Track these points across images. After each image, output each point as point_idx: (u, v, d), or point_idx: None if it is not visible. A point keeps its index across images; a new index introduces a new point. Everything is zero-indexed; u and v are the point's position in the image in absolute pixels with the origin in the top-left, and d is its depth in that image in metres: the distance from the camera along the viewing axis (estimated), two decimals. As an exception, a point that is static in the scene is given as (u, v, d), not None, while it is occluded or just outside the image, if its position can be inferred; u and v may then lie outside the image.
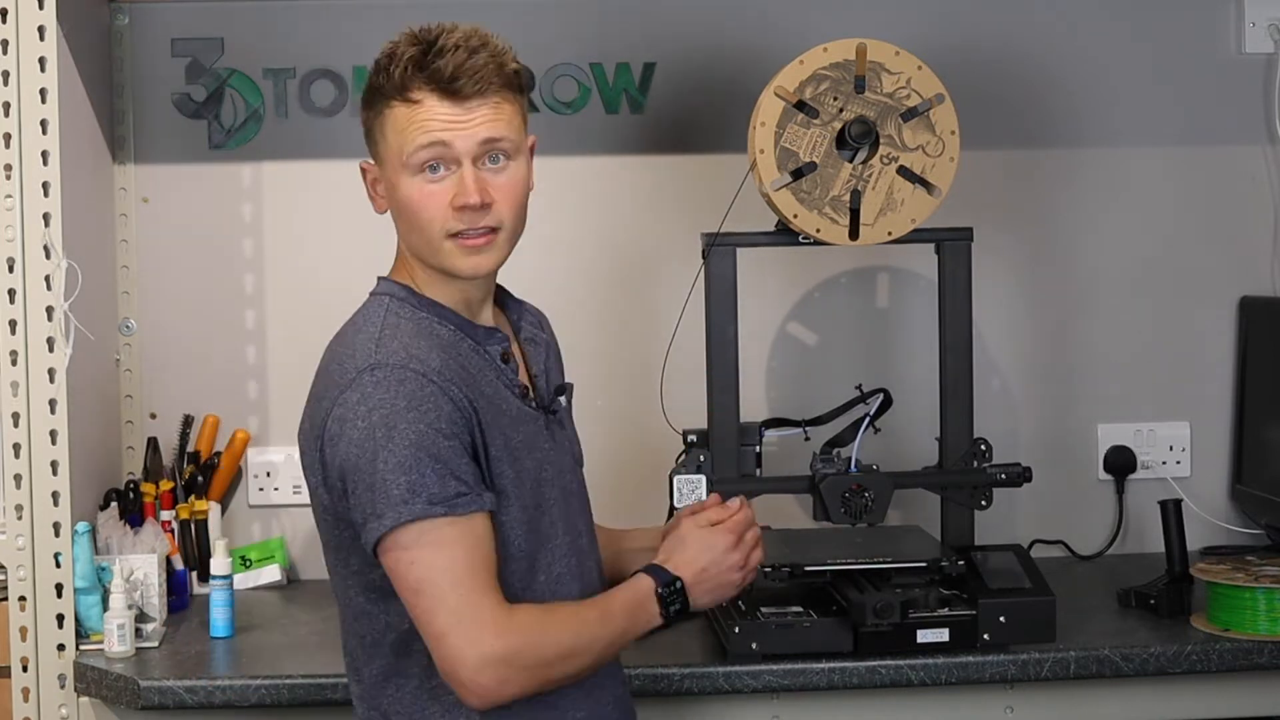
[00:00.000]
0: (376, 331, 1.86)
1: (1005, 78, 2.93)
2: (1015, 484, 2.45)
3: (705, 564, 1.98)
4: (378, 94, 1.89)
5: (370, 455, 1.78)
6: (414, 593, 1.79)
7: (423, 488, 1.78)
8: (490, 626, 1.78)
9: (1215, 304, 2.99)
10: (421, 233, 1.89)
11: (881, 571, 2.36)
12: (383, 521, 1.78)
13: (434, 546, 1.78)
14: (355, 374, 1.82)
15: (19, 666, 2.38)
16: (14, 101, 2.35)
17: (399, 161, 1.87)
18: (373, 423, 1.79)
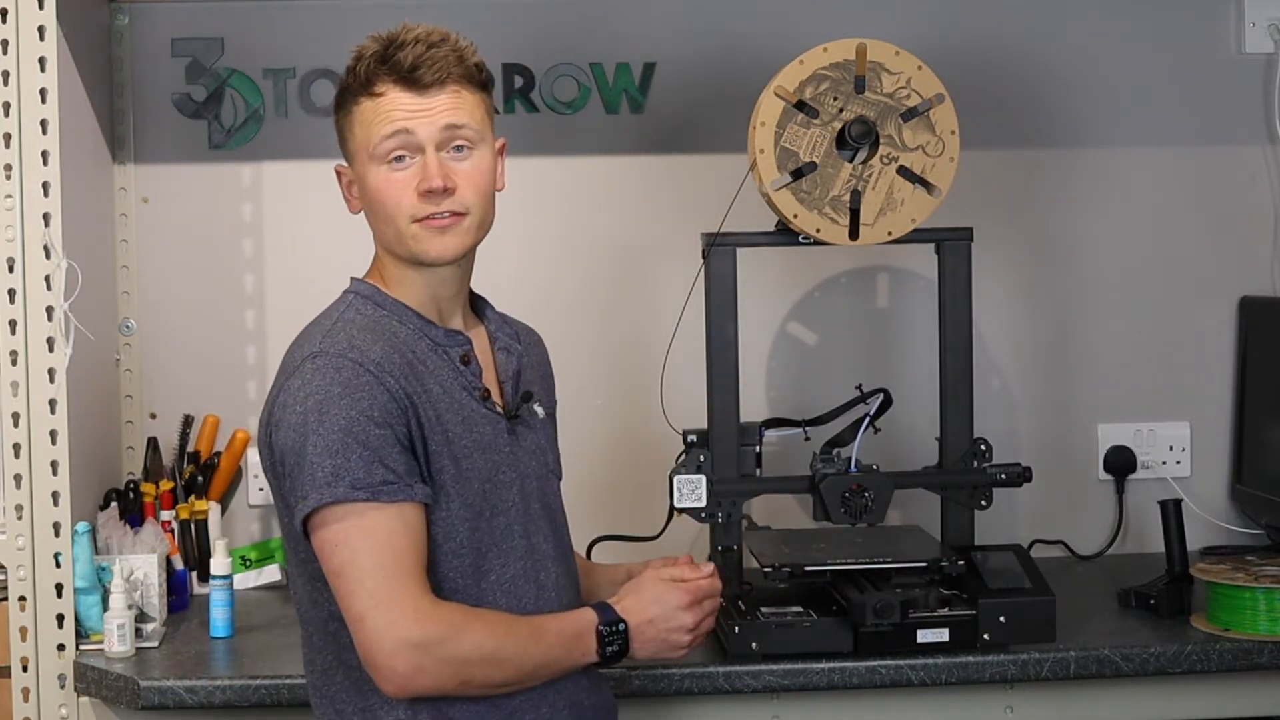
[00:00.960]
0: (330, 324, 1.92)
1: (1005, 78, 2.93)
2: (1015, 484, 2.45)
3: (654, 615, 1.97)
4: (345, 94, 1.98)
5: (301, 438, 1.82)
6: (336, 575, 1.82)
7: (347, 472, 1.81)
8: (409, 612, 1.79)
9: (1215, 304, 2.99)
10: (389, 222, 1.94)
11: (881, 571, 2.36)
12: (307, 502, 1.82)
13: (356, 531, 1.81)
14: (300, 362, 1.87)
15: (19, 666, 2.38)
16: (14, 101, 2.35)
17: (366, 154, 1.95)
18: (307, 407, 1.83)
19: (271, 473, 1.91)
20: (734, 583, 2.40)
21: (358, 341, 1.88)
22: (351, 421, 1.82)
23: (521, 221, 2.84)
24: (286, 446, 1.85)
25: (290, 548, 1.93)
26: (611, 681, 2.22)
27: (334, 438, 1.81)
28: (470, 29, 2.82)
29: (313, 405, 1.83)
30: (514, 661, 1.86)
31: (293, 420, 1.84)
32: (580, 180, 2.90)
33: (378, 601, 1.79)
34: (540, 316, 2.60)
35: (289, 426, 1.84)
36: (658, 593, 1.99)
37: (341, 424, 1.82)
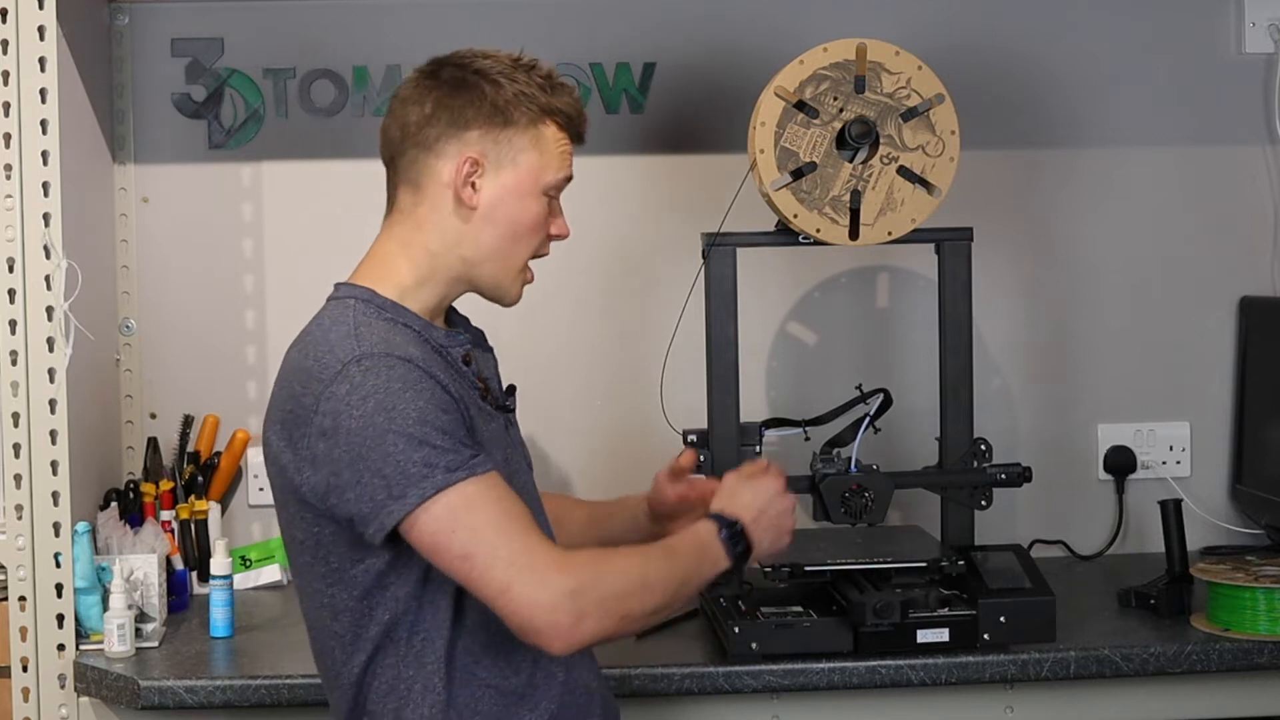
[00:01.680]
0: (350, 329, 1.86)
1: (1005, 78, 2.93)
2: (1015, 484, 2.45)
3: (761, 506, 1.99)
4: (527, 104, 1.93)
5: (375, 440, 1.77)
6: (462, 559, 1.78)
7: (438, 459, 1.78)
8: (552, 566, 1.78)
9: (1215, 304, 2.99)
10: (514, 248, 1.95)
11: (881, 571, 2.36)
12: (406, 501, 1.77)
13: (467, 510, 1.78)
14: (340, 367, 1.81)
15: (19, 666, 2.38)
16: (14, 101, 2.35)
17: (538, 179, 1.94)
18: (369, 410, 1.78)
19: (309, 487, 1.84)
20: (734, 583, 2.41)
21: (394, 341, 1.84)
22: (423, 413, 1.79)
23: (521, 221, 2.84)
24: (351, 454, 1.79)
25: (316, 557, 1.88)
26: (612, 681, 2.22)
27: (412, 431, 1.78)
28: (470, 29, 2.84)
29: (375, 406, 1.78)
30: (661, 583, 1.86)
31: (354, 425, 1.78)
32: (580, 180, 2.86)
33: (519, 566, 1.77)
34: (540, 316, 2.62)
35: (350, 433, 1.78)
36: (754, 488, 2.01)
37: (414, 417, 1.78)
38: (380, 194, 2.85)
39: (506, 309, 2.03)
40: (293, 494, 1.87)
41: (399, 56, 2.88)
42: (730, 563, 1.94)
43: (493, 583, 1.77)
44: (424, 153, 1.93)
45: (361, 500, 1.80)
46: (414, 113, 1.94)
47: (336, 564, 1.86)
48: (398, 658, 1.86)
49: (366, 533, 1.81)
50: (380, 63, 2.89)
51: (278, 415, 1.88)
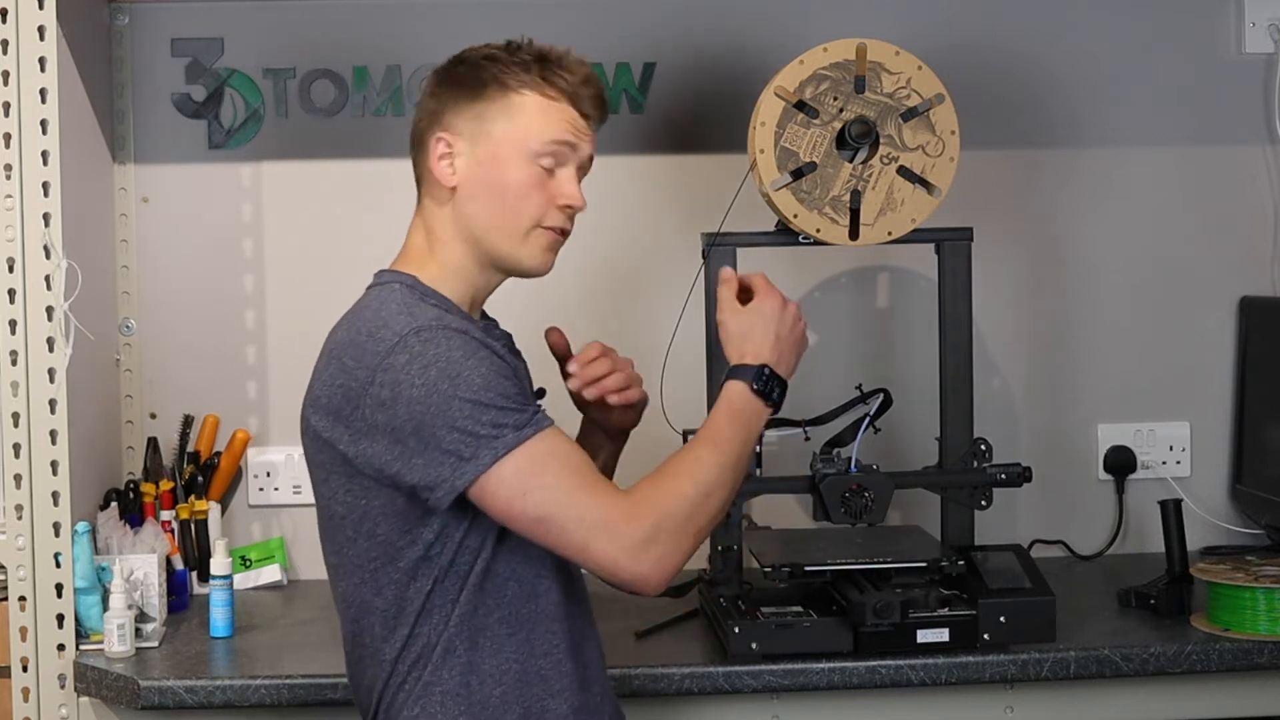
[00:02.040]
0: (401, 307, 1.88)
1: (1005, 78, 2.93)
2: (1015, 484, 2.46)
3: (775, 333, 2.02)
4: (504, 76, 1.95)
5: (440, 406, 1.80)
6: (537, 521, 1.82)
7: (505, 418, 1.81)
8: (621, 518, 1.83)
9: (1215, 304, 2.99)
10: (516, 218, 1.95)
11: (881, 571, 2.36)
12: (478, 462, 1.80)
13: (535, 473, 1.82)
14: (397, 339, 1.83)
15: (19, 666, 2.38)
16: (14, 101, 2.35)
17: (520, 144, 1.94)
18: (431, 377, 1.80)
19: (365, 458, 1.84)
20: (734, 583, 2.40)
21: (444, 316, 1.88)
22: (486, 378, 1.82)
23: (521, 221, 2.85)
24: (414, 422, 1.80)
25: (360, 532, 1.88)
26: (612, 681, 2.22)
27: (478, 395, 1.80)
28: (471, 29, 2.83)
29: (438, 374, 1.80)
30: (718, 482, 1.90)
31: (417, 394, 1.80)
32: (580, 180, 2.89)
33: (591, 524, 1.82)
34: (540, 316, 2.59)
35: (412, 401, 1.80)
36: (758, 316, 2.03)
37: (479, 382, 1.81)
38: (380, 194, 2.87)
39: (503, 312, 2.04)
40: (341, 468, 1.88)
41: (399, 56, 2.88)
42: (773, 409, 1.98)
43: (571, 544, 1.83)
44: (419, 149, 2.00)
45: (430, 465, 1.81)
46: (418, 113, 2.01)
47: (384, 537, 1.87)
48: (431, 628, 1.88)
49: (433, 497, 1.82)
50: (380, 63, 2.89)
51: (323, 392, 1.88)
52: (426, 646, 1.88)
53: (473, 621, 1.88)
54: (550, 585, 1.93)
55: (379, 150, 2.88)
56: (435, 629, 1.88)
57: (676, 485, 1.88)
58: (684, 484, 1.88)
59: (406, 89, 2.88)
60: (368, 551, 1.89)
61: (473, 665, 1.88)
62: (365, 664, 1.94)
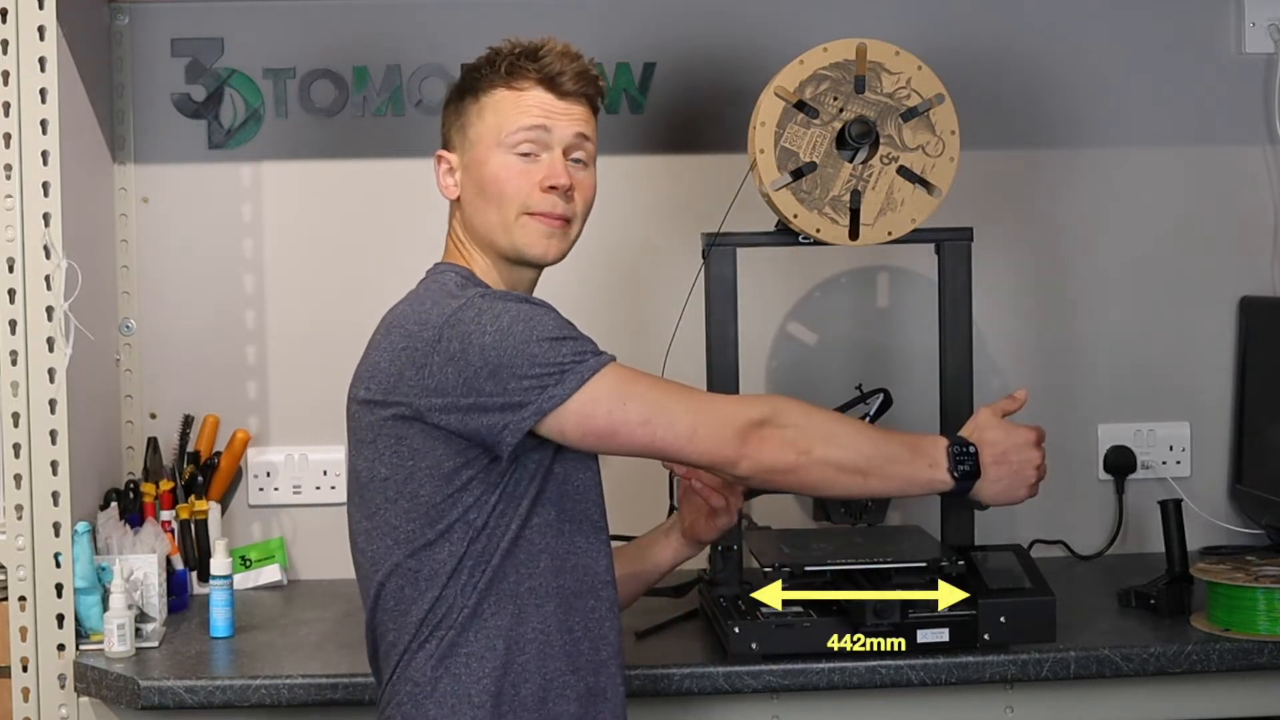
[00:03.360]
0: (458, 286, 1.95)
1: (1005, 78, 2.93)
2: (1015, 484, 2.45)
3: (1006, 448, 2.01)
4: (476, 82, 2.02)
5: (519, 344, 1.84)
6: (643, 425, 1.87)
7: (585, 345, 1.88)
8: (730, 403, 1.92)
9: (1215, 304, 2.99)
10: (502, 208, 1.99)
11: (881, 571, 2.36)
12: (565, 385, 1.84)
13: (630, 382, 1.88)
14: (464, 300, 1.89)
15: (19, 666, 2.38)
16: (14, 101, 2.35)
17: (494, 140, 2.00)
18: (504, 323, 1.85)
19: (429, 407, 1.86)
20: (734, 583, 2.41)
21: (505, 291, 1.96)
22: (558, 320, 1.90)
23: (521, 221, 2.85)
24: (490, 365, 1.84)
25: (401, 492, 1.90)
26: (611, 681, 2.23)
27: (554, 330, 1.87)
28: (471, 29, 2.84)
29: (510, 319, 1.86)
30: (849, 441, 1.93)
31: (489, 341, 1.84)
32: (580, 180, 2.89)
33: (699, 413, 1.88)
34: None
35: (486, 349, 1.84)
36: (1004, 429, 2.02)
37: (553, 323, 1.88)
38: (380, 193, 2.88)
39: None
40: (391, 429, 1.90)
41: (399, 56, 2.88)
42: (950, 479, 1.96)
43: (680, 432, 1.87)
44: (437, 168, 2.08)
45: (511, 396, 1.84)
46: None
47: (426, 498, 1.90)
48: (458, 590, 1.90)
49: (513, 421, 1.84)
50: (380, 63, 2.89)
51: (381, 358, 1.92)
52: (452, 608, 1.91)
53: (501, 587, 1.91)
54: (582, 563, 1.96)
55: (379, 150, 2.88)
56: (464, 592, 1.90)
57: (810, 408, 1.93)
58: (819, 413, 1.93)
59: (406, 89, 2.88)
60: (408, 513, 1.91)
61: (500, 630, 1.91)
62: (387, 626, 1.96)
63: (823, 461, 1.91)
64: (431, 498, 1.90)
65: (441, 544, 1.90)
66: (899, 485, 1.97)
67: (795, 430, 1.90)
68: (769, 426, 1.89)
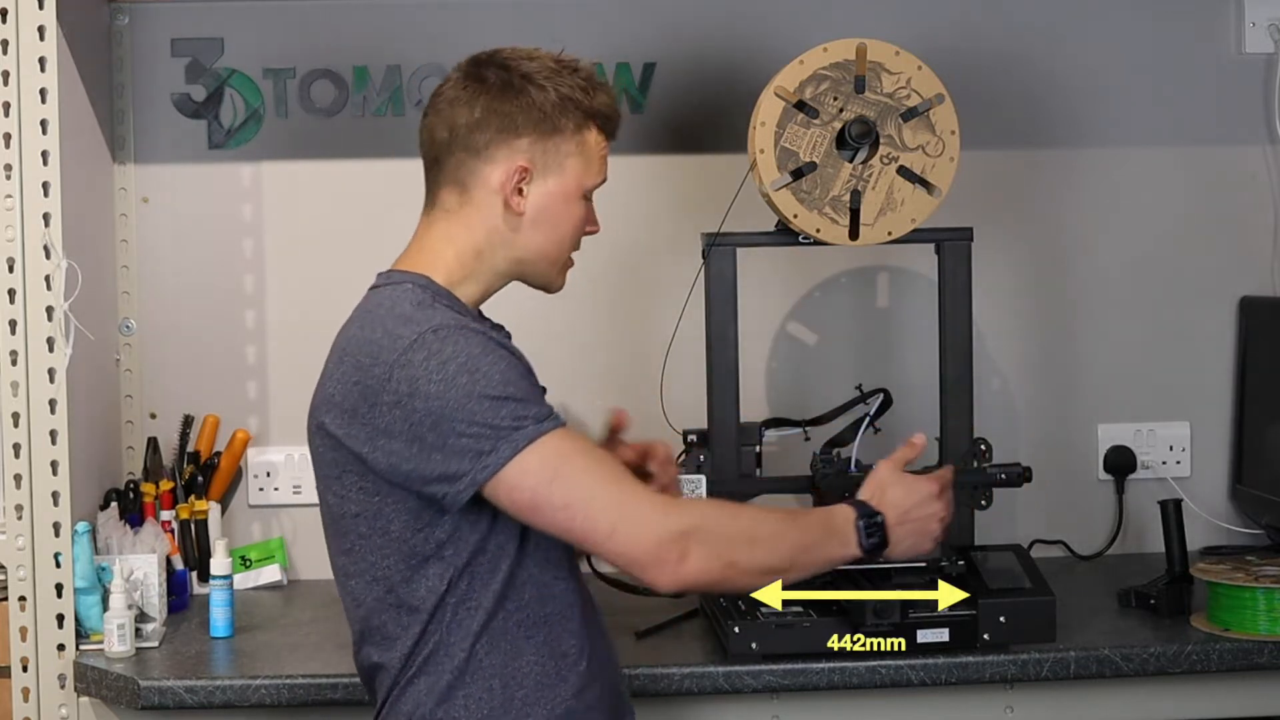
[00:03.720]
0: (414, 309, 1.88)
1: (1005, 78, 2.93)
2: (1015, 484, 2.45)
3: (908, 507, 1.97)
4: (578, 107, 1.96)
5: (461, 400, 1.79)
6: (564, 509, 1.81)
7: (526, 411, 1.81)
8: (657, 508, 1.83)
9: (1215, 304, 2.99)
10: (560, 250, 2.00)
11: (881, 571, 2.36)
12: (499, 455, 1.79)
13: (561, 459, 1.81)
14: (415, 337, 1.83)
15: (19, 666, 2.38)
16: (14, 101, 2.35)
17: (580, 185, 1.98)
18: (450, 372, 1.80)
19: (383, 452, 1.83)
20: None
21: (461, 317, 1.88)
22: (505, 373, 1.82)
23: (521, 221, 2.85)
24: (433, 416, 1.80)
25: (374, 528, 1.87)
26: (611, 681, 2.22)
27: (498, 389, 1.80)
28: (470, 29, 2.84)
29: (457, 369, 1.80)
30: (772, 540, 1.88)
31: (435, 390, 1.80)
32: (580, 180, 2.89)
33: (622, 509, 1.81)
34: (540, 316, 2.60)
35: (431, 397, 1.80)
36: (906, 486, 1.99)
37: (498, 377, 1.81)
38: (380, 193, 2.87)
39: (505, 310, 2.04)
40: (354, 467, 1.87)
41: (399, 56, 2.88)
42: (860, 552, 1.94)
43: (597, 528, 1.81)
44: (472, 157, 1.95)
45: (449, 459, 1.81)
46: (463, 115, 1.95)
47: (397, 533, 1.87)
48: (442, 628, 1.88)
49: (450, 493, 1.81)
50: (380, 63, 2.89)
51: (336, 390, 1.88)
52: (442, 645, 1.87)
53: (493, 626, 1.88)
54: (566, 587, 1.93)
55: (379, 150, 2.88)
56: (452, 631, 1.87)
57: (733, 510, 1.89)
58: (742, 515, 1.88)
59: (406, 89, 2.88)
60: (382, 549, 1.88)
61: (495, 668, 1.88)
62: (377, 656, 1.93)
63: (746, 570, 1.87)
64: (403, 533, 1.86)
65: (419, 580, 1.87)
66: (816, 570, 1.96)
67: (720, 543, 1.84)
68: (691, 539, 1.82)
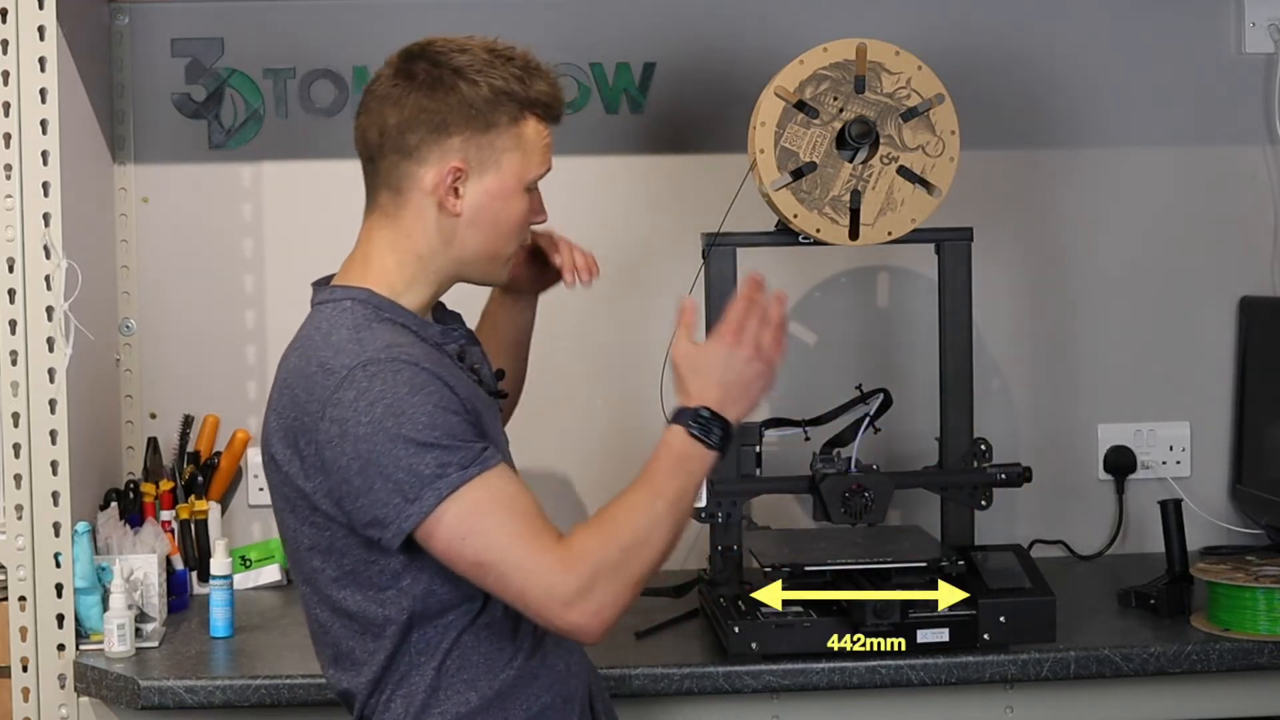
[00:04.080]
0: (351, 332, 1.84)
1: (1005, 78, 2.93)
2: (1015, 484, 2.46)
3: (720, 378, 1.89)
4: (513, 98, 1.90)
5: (387, 445, 1.77)
6: (476, 566, 1.79)
7: (450, 457, 1.78)
8: (558, 568, 1.79)
9: (1215, 304, 2.99)
10: (504, 245, 1.94)
11: (881, 571, 2.36)
12: (423, 504, 1.77)
13: (477, 515, 1.78)
14: (345, 372, 1.80)
15: (19, 666, 2.38)
16: (14, 101, 2.35)
17: (521, 179, 1.92)
18: (378, 414, 1.77)
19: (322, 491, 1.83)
20: (734, 583, 2.40)
21: (395, 344, 1.83)
22: (432, 416, 1.78)
23: (521, 221, 2.85)
24: (361, 460, 1.78)
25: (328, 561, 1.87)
26: (611, 682, 2.22)
27: (423, 435, 1.77)
28: (469, 29, 2.84)
29: (384, 410, 1.77)
30: (657, 526, 1.84)
31: (363, 432, 1.77)
32: (580, 180, 2.89)
33: (527, 573, 1.78)
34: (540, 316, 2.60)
35: (358, 439, 1.77)
36: (707, 358, 1.91)
37: (424, 421, 1.78)
38: (380, 194, 2.86)
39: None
40: (302, 501, 1.86)
41: (399, 56, 2.88)
42: (716, 452, 1.88)
43: (508, 589, 1.80)
44: (404, 159, 1.90)
45: (376, 505, 1.79)
46: (392, 115, 1.91)
47: (350, 566, 1.86)
48: (409, 650, 1.87)
49: (384, 537, 1.80)
50: (380, 63, 2.86)
51: (280, 422, 1.86)
52: (411, 667, 1.87)
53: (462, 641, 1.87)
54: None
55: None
56: (421, 653, 1.87)
57: (614, 532, 1.83)
58: (621, 531, 1.83)
59: (406, 89, 2.87)
60: (338, 580, 1.88)
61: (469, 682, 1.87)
62: (344, 686, 1.93)
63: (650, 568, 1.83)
64: (356, 566, 1.85)
65: (379, 609, 1.86)
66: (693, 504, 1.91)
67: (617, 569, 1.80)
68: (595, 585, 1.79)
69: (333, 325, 1.87)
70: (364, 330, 1.85)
